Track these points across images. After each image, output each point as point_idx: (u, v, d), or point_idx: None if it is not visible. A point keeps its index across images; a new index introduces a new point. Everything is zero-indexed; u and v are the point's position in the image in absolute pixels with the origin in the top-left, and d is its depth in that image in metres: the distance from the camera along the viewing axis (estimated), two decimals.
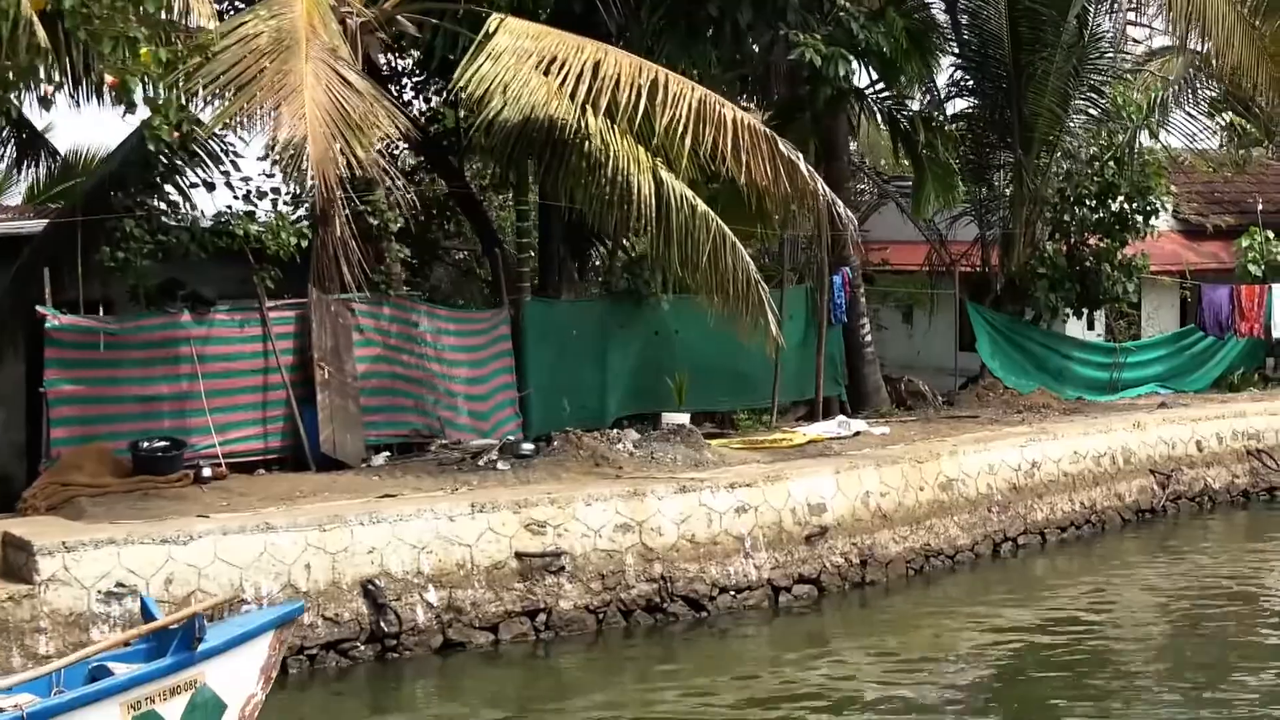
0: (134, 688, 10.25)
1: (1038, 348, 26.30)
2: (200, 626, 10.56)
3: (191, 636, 10.54)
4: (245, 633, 11.09)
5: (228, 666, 10.85)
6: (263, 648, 11.16)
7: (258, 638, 11.15)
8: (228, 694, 10.86)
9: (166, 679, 10.42)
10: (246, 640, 11.04)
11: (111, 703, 10.08)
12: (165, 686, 10.41)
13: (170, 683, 10.44)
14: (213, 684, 10.73)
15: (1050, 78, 25.10)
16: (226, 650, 10.86)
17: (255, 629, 11.20)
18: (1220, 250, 31.36)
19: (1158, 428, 23.19)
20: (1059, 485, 21.20)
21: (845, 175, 23.82)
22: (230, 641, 10.91)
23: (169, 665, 10.47)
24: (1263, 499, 24.17)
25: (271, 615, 11.61)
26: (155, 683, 10.36)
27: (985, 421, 23.10)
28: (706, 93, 17.02)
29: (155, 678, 10.38)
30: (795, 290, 23.40)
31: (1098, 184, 25.46)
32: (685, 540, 16.70)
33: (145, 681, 10.32)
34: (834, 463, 18.83)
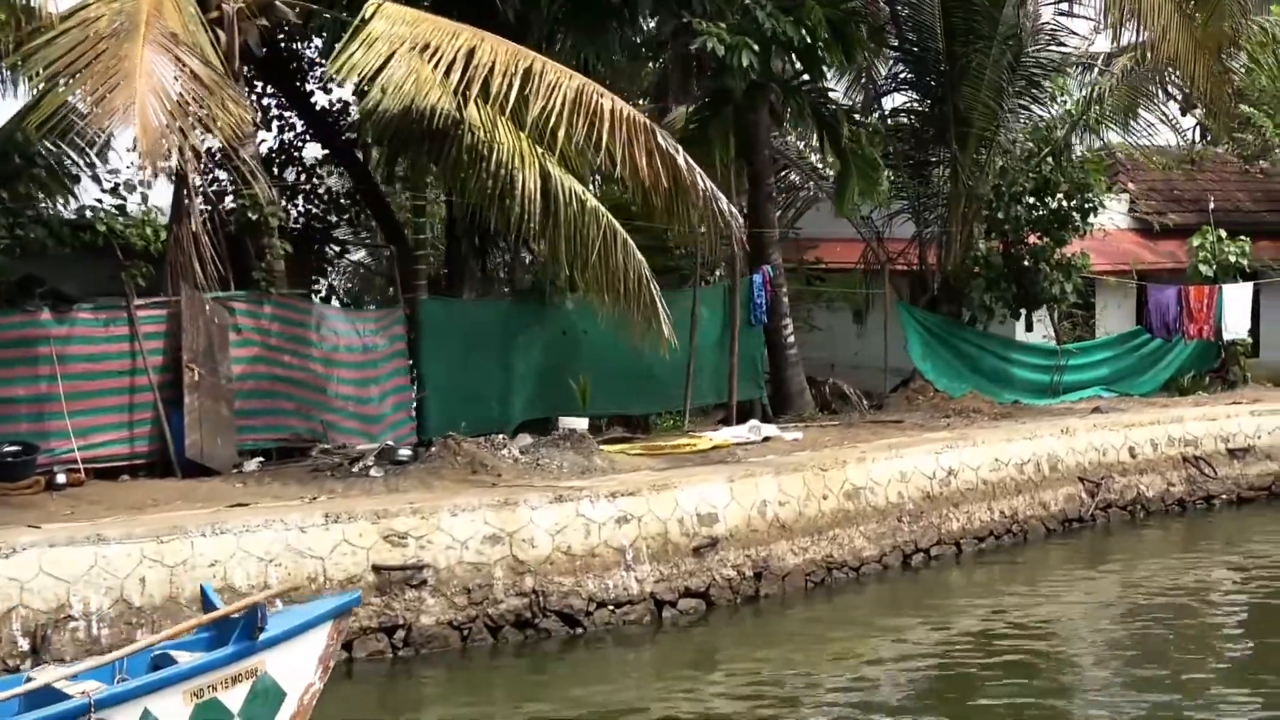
0: (197, 676, 10.43)
1: (973, 349, 25.45)
2: (262, 615, 10.71)
3: (253, 625, 10.67)
4: (305, 622, 11.15)
5: (288, 655, 10.95)
6: (321, 637, 11.23)
7: (317, 627, 11.21)
8: (287, 682, 10.96)
9: (229, 667, 10.59)
10: (306, 630, 11.11)
11: (175, 690, 10.28)
12: (227, 675, 10.59)
13: (232, 671, 10.61)
14: (273, 672, 10.85)
15: (986, 71, 24.26)
16: (287, 639, 10.94)
17: (314, 619, 11.25)
18: (1178, 249, 30.42)
19: (1088, 434, 22.32)
20: (977, 494, 20.35)
21: (767, 170, 22.97)
22: (290, 631, 10.97)
23: (231, 654, 10.63)
24: (1200, 508, 23.30)
25: (330, 605, 11.62)
26: (218, 671, 10.53)
27: (909, 426, 22.30)
28: (585, 83, 16.21)
29: (218, 666, 10.55)
30: (712, 289, 22.60)
31: (1034, 181, 24.59)
32: (560, 552, 15.88)
33: (208, 670, 10.49)
34: (729, 470, 18.02)
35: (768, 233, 22.78)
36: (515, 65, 15.98)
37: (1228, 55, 23.45)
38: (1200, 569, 19.97)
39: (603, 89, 16.23)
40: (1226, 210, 32.16)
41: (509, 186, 16.65)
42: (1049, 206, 24.85)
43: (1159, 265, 29.86)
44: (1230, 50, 23.44)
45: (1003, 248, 25.01)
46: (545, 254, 18.33)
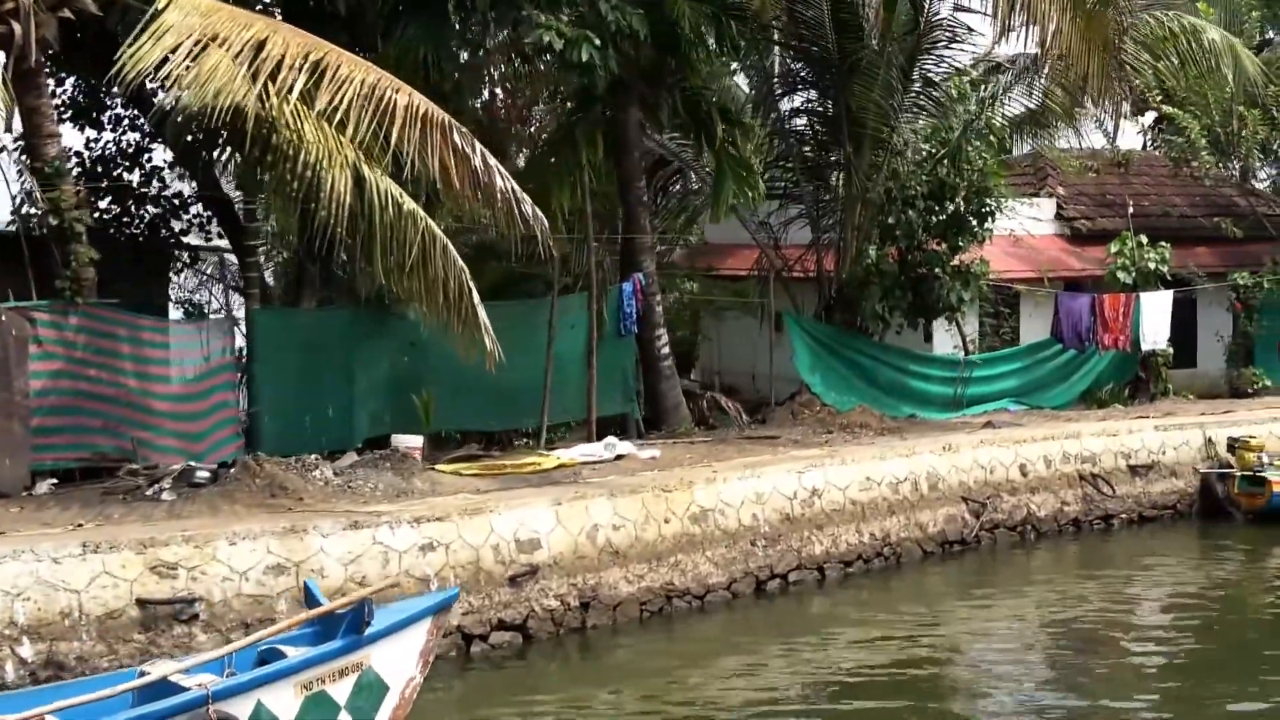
0: (307, 669, 10.76)
1: (868, 361, 24.30)
2: (369, 611, 11.00)
3: (361, 621, 10.98)
4: (407, 618, 11.45)
5: (391, 650, 11.26)
6: (421, 633, 11.54)
7: (418, 623, 11.53)
8: (390, 676, 11.26)
9: (336, 661, 10.89)
10: (408, 625, 11.42)
11: (287, 683, 10.58)
12: (335, 668, 10.88)
13: (339, 665, 10.90)
14: (377, 667, 11.16)
15: (879, 70, 23.12)
16: (390, 635, 11.26)
17: (416, 614, 11.56)
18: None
19: (974, 450, 21.14)
20: (845, 515, 19.19)
21: (636, 173, 21.79)
22: (394, 626, 11.29)
23: (339, 648, 10.94)
24: (1096, 528, 22.09)
25: (431, 601, 11.93)
26: (326, 664, 10.83)
27: (785, 443, 21.16)
28: (382, 76, 15.08)
29: (326, 660, 10.86)
30: (576, 298, 21.41)
31: (929, 184, 23.41)
32: (353, 583, 14.69)
33: (317, 663, 10.80)
34: (558, 492, 16.87)
35: (639, 238, 21.63)
36: (305, 58, 14.83)
37: (1121, 51, 22.26)
38: (1091, 593, 18.78)
39: (399, 83, 15.07)
40: (1156, 215, 31.13)
41: (315, 188, 15.52)
42: (947, 211, 23.66)
43: (1086, 272, 28.68)
44: (1121, 47, 22.24)
45: (897, 255, 23.83)
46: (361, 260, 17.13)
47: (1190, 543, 22.09)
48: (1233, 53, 25.65)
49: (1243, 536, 22.10)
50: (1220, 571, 20.55)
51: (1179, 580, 19.84)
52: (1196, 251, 30.80)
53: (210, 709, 10.05)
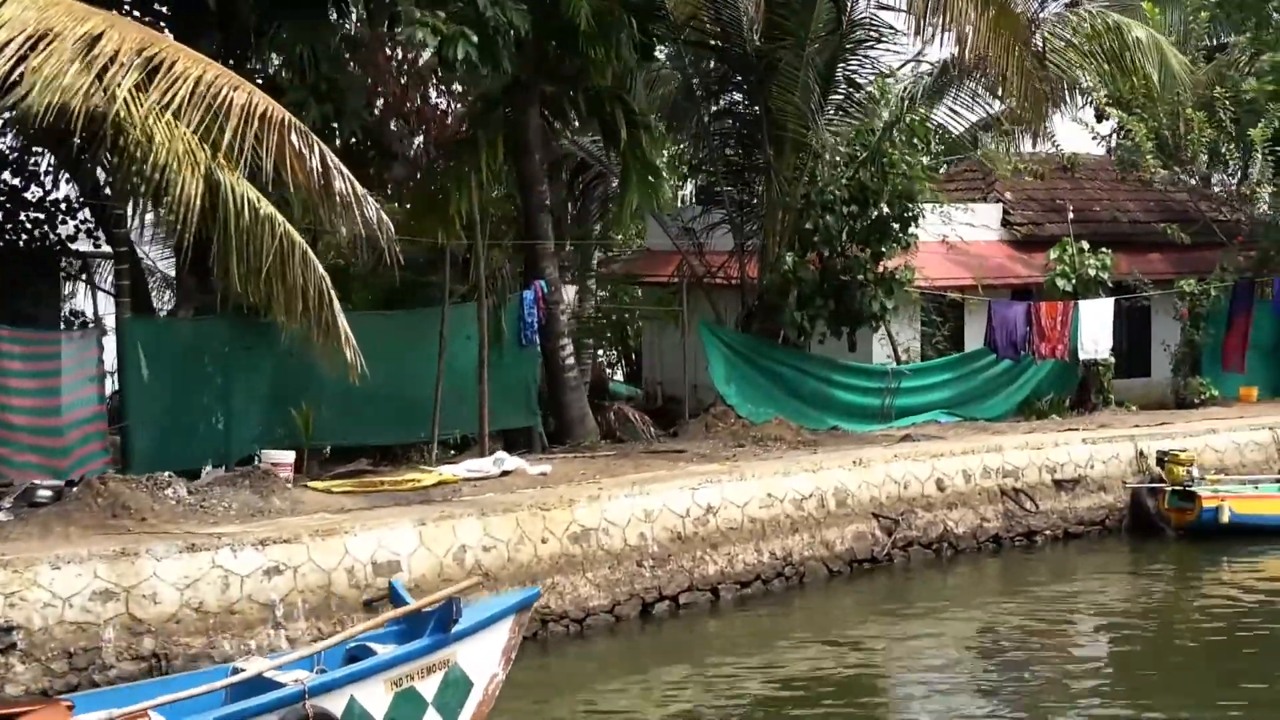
0: (396, 666, 11.05)
1: (789, 372, 23.48)
2: (457, 609, 11.32)
3: (448, 619, 11.28)
4: (491, 616, 11.74)
5: (476, 648, 11.53)
6: (504, 631, 11.80)
7: (501, 621, 11.80)
8: (475, 673, 11.52)
9: (424, 658, 11.19)
10: (492, 623, 11.70)
11: (378, 679, 10.88)
12: (423, 665, 11.16)
13: (427, 662, 11.19)
14: (463, 664, 11.43)
15: (800, 71, 22.31)
16: (475, 633, 11.53)
17: (500, 613, 11.85)
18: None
19: (887, 465, 20.31)
20: (743, 533, 18.36)
21: (538, 176, 20.97)
22: (479, 624, 11.56)
23: (427, 645, 11.25)
24: (1018, 544, 21.23)
25: (514, 600, 12.20)
26: (415, 661, 11.12)
27: (691, 457, 20.36)
28: (221, 73, 14.25)
29: (415, 657, 11.15)
30: (472, 306, 20.52)
31: (850, 189, 22.59)
32: (190, 609, 13.92)
33: (407, 660, 11.10)
34: (424, 511, 16.07)
35: (541, 244, 20.83)
36: (139, 53, 14.01)
37: (1037, 49, 21.45)
38: (1011, 611, 17.98)
39: (239, 80, 14.26)
40: (1105, 221, 30.33)
41: (164, 190, 14.70)
42: (870, 216, 22.86)
43: (1032, 279, 27.84)
44: (1036, 44, 21.43)
45: (818, 261, 23.01)
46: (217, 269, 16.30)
47: (1118, 560, 21.27)
48: (1159, 51, 24.81)
49: (1172, 553, 21.30)
50: (1147, 589, 19.82)
51: (1104, 599, 19.02)
52: (1150, 258, 29.99)
53: (307, 703, 10.32)
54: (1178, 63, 25.21)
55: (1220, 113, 27.88)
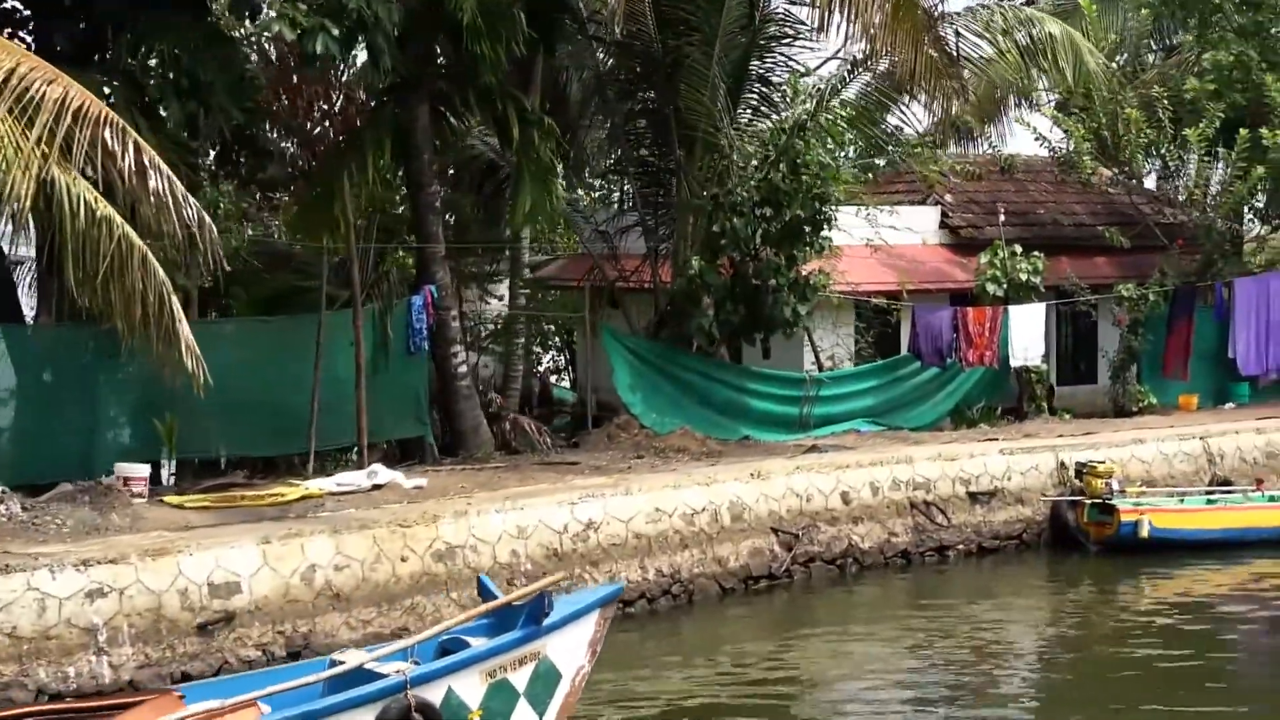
0: (491, 657, 11.25)
1: (699, 380, 22.68)
2: (549, 602, 11.47)
3: (540, 612, 11.42)
4: (578, 610, 11.88)
5: (564, 640, 11.68)
6: (591, 624, 11.96)
7: (588, 615, 11.94)
8: (563, 666, 11.67)
9: (517, 650, 11.37)
10: (579, 617, 11.85)
11: (473, 670, 11.09)
12: (515, 657, 11.35)
13: (520, 654, 11.38)
14: (552, 656, 11.59)
15: (710, 68, 21.53)
16: (564, 626, 11.67)
17: (586, 606, 11.99)
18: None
19: (787, 477, 19.51)
20: (627, 549, 17.55)
21: (428, 177, 20.14)
22: (567, 618, 11.70)
23: (519, 638, 11.41)
24: (929, 560, 20.42)
25: (599, 594, 12.38)
26: (509, 653, 11.31)
27: (585, 469, 19.62)
28: (36, 66, 13.47)
29: (509, 649, 11.34)
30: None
31: (762, 190, 21.80)
32: (1, 635, 13.12)
33: (500, 652, 11.28)
34: (269, 529, 15.27)
35: (431, 248, 20.04)
36: None
37: (944, 43, 20.67)
38: (919, 630, 17.21)
39: (57, 74, 13.47)
40: (1047, 224, 29.59)
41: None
42: (782, 219, 22.07)
43: (971, 283, 27.03)
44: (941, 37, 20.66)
45: (729, 266, 22.22)
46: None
47: (1032, 575, 20.49)
48: (1073, 48, 24.01)
49: (1091, 569, 20.53)
50: (1060, 607, 19.07)
51: (1014, 616, 18.26)
52: (1096, 262, 29.29)
53: (409, 693, 10.51)
54: (1094, 60, 24.40)
55: (1159, 113, 27.18)
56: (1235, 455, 23.57)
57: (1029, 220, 29.84)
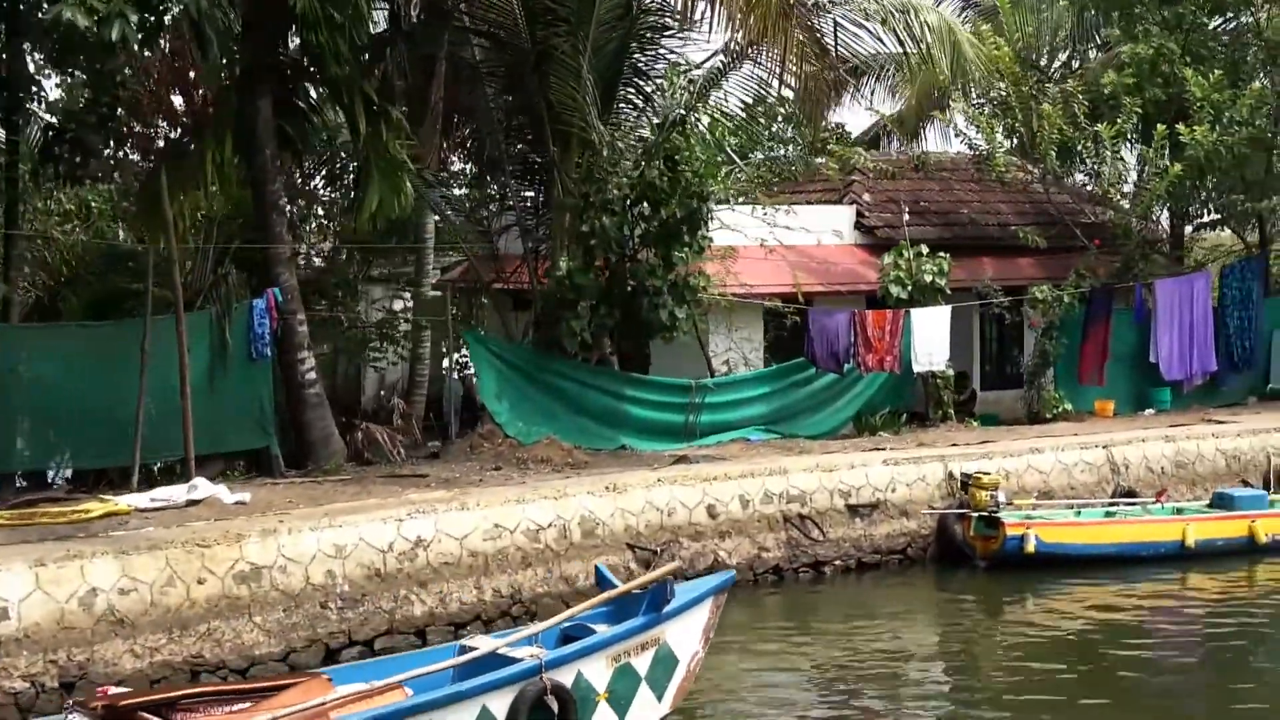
0: (618, 642, 11.81)
1: (574, 387, 21.62)
2: (671, 590, 12.04)
3: (662, 600, 12.01)
4: (695, 597, 12.44)
5: (682, 627, 12.26)
6: (705, 612, 12.55)
7: (703, 603, 12.52)
8: (680, 651, 12.26)
9: (640, 636, 11.93)
10: (696, 604, 12.42)
11: (601, 655, 11.67)
12: (638, 642, 11.90)
13: (642, 639, 11.93)
14: (670, 641, 12.17)
15: (582, 60, 20.50)
16: (682, 613, 12.24)
17: (702, 594, 12.56)
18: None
19: (648, 490, 18.48)
20: (461, 568, 16.53)
21: (269, 173, 19.06)
22: (685, 605, 12.25)
23: (642, 624, 11.96)
24: (804, 576, 19.39)
25: (714, 582, 12.97)
26: (633, 639, 11.89)
27: (432, 482, 18.63)
28: None
29: (633, 634, 11.91)
30: (196, 316, 18.64)
31: (638, 188, 20.77)
32: None
33: (626, 638, 11.87)
34: (44, 550, 14.23)
35: (275, 249, 18.99)
36: None
37: (824, 36, 19.71)
38: (785, 650, 16.28)
39: None
40: (964, 224, 28.60)
41: None
42: (660, 218, 21.06)
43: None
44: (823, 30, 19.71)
45: (604, 268, 21.19)
46: None
47: (912, 592, 19.46)
48: (951, 38, 23.00)
49: (976, 586, 19.55)
50: (934, 624, 18.24)
51: (884, 635, 17.15)
52: (1019, 263, 28.30)
53: (544, 676, 11.07)
54: (975, 51, 23.38)
55: (1074, 108, 26.22)
56: (1141, 465, 22.57)
57: (950, 220, 28.88)
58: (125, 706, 10.59)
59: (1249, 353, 28.28)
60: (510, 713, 11.03)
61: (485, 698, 10.93)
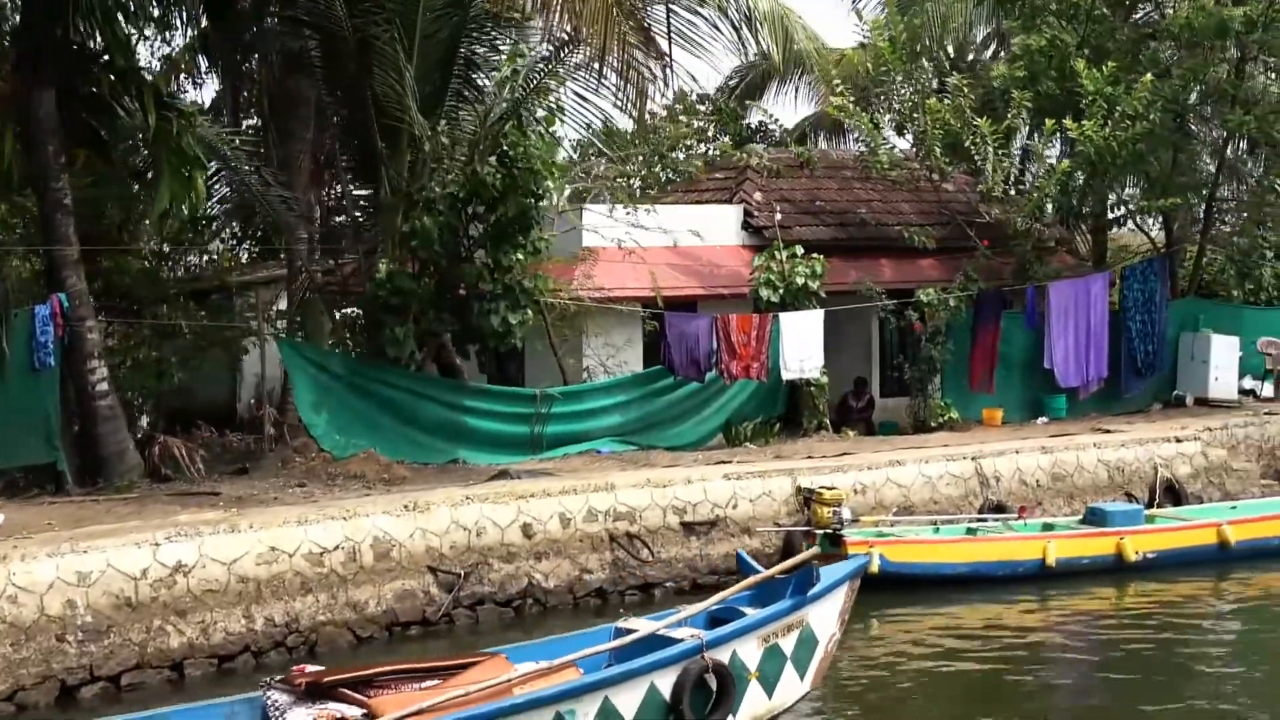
0: (768, 624, 12.37)
1: (406, 397, 20.40)
2: (816, 575, 12.57)
3: (807, 583, 12.56)
4: (834, 581, 12.91)
5: (822, 610, 12.76)
6: (841, 595, 13.07)
7: (840, 587, 13.03)
8: (820, 633, 12.78)
9: (787, 618, 12.47)
10: (834, 589, 12.90)
11: (753, 636, 12.26)
12: (785, 624, 12.44)
13: (788, 621, 12.47)
14: (812, 623, 12.69)
15: (399, 47, 19.25)
16: (823, 596, 12.73)
17: (840, 579, 13.06)
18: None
19: (454, 509, 17.23)
20: (228, 596, 15.28)
21: (53, 171, 17.82)
22: (825, 589, 12.74)
23: (789, 606, 12.48)
24: (631, 598, 18.14)
25: (850, 568, 13.51)
26: (781, 621, 12.44)
27: (224, 500, 17.45)
28: None
29: (781, 616, 12.45)
30: None
31: (468, 186, 19.57)
32: None
33: (775, 620, 12.42)
34: None
35: (60, 251, 17.76)
36: None
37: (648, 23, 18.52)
38: None
39: None
40: (854, 224, 27.42)
41: None
42: (493, 218, 19.86)
43: None
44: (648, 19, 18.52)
45: (436, 271, 19.97)
46: None
47: None
48: (782, 25, 21.80)
49: None
50: None
51: None
52: (920, 265, 27.16)
53: (705, 655, 11.69)
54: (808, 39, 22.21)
55: (962, 103, 25.07)
56: (1014, 478, 21.36)
57: (846, 220, 27.73)
58: (329, 683, 11.25)
59: (1153, 357, 27.10)
60: (675, 690, 11.62)
61: (653, 675, 11.56)
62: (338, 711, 10.91)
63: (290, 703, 11.11)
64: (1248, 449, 24.79)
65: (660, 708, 11.58)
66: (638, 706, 11.46)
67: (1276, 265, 29.75)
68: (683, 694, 11.60)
